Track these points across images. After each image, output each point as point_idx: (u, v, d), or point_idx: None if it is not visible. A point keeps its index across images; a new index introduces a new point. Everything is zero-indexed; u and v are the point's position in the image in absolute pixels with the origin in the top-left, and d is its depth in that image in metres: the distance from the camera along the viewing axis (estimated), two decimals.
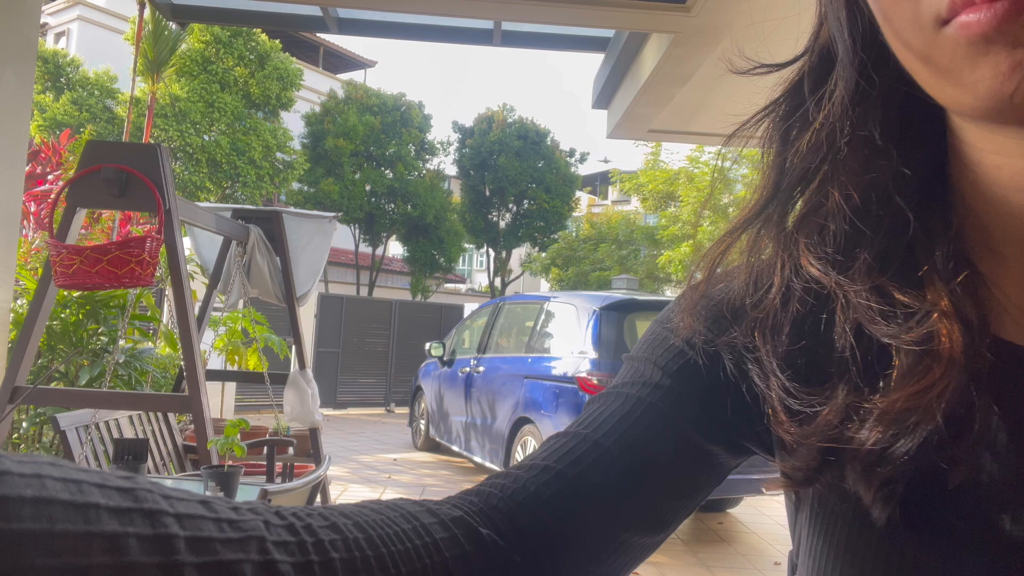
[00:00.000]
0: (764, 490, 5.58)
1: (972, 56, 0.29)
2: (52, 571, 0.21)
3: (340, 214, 6.65)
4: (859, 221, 0.39)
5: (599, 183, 37.77)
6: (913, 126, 0.40)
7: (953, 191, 0.40)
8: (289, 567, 0.28)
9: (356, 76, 28.13)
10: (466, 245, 21.18)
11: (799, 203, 0.42)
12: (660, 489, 0.45)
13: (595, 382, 5.47)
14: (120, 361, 4.15)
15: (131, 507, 0.24)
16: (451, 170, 21.33)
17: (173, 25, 8.23)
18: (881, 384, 0.37)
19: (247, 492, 2.40)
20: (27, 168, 4.46)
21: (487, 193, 20.21)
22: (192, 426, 3.25)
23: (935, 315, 0.36)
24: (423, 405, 8.85)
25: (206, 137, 14.31)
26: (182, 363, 3.51)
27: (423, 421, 8.82)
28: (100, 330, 4.30)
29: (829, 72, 0.41)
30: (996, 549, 0.35)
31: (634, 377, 0.48)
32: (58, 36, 21.34)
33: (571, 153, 20.89)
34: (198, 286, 5.15)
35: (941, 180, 0.40)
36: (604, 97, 6.22)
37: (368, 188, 18.04)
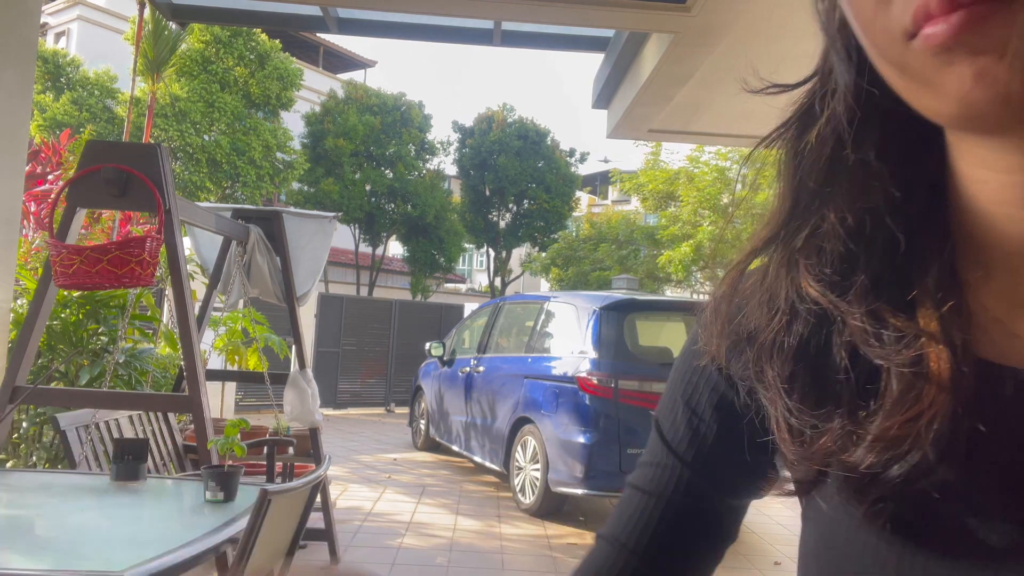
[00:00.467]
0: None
1: (939, 67, 0.31)
2: None
3: (340, 214, 6.65)
4: (854, 243, 0.41)
5: (599, 183, 37.76)
6: (915, 146, 0.41)
7: (952, 208, 0.41)
8: None
9: (356, 76, 28.13)
10: (466, 245, 21.17)
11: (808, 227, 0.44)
12: (696, 567, 0.52)
13: (595, 382, 5.47)
14: (120, 361, 4.15)
15: None
16: (451, 170, 21.34)
17: (173, 25, 8.23)
18: (875, 407, 0.39)
19: (247, 492, 2.40)
20: (27, 168, 4.46)
21: (487, 193, 20.20)
22: (192, 426, 3.25)
23: (924, 339, 0.37)
24: (423, 405, 8.84)
25: (206, 137, 14.31)
26: (182, 363, 3.51)
27: (423, 421, 8.82)
28: (100, 330, 4.29)
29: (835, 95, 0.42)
30: (975, 558, 0.37)
31: (654, 457, 0.54)
32: (58, 36, 21.34)
33: (571, 153, 20.89)
34: (198, 286, 5.15)
35: (943, 198, 0.41)
36: (604, 97, 6.22)
37: (368, 188, 18.03)
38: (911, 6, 0.31)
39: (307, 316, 11.33)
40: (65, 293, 4.05)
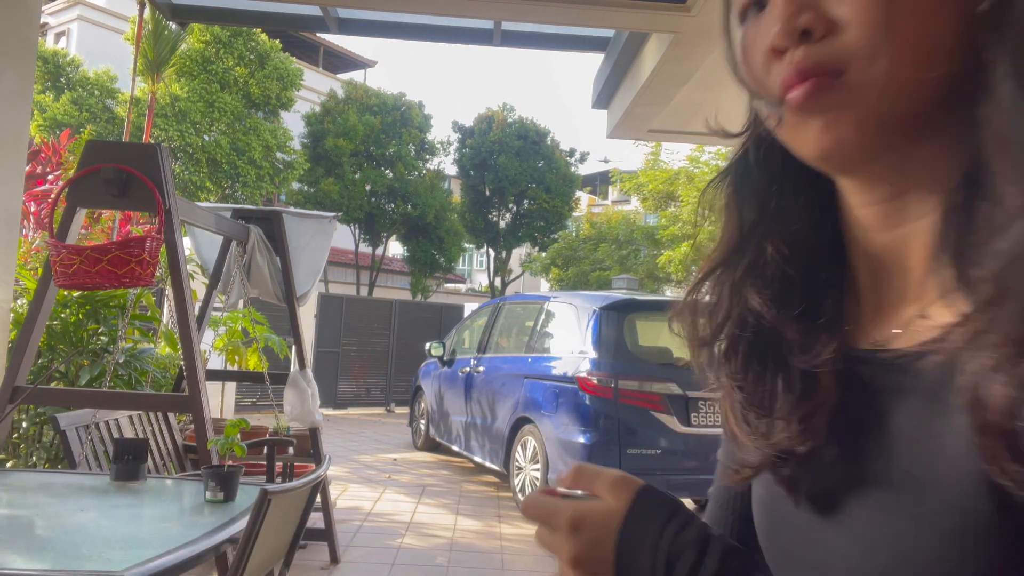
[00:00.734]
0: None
1: (800, 122, 0.43)
2: None
3: (340, 214, 6.65)
4: (789, 268, 0.52)
5: (599, 183, 37.74)
6: (822, 190, 0.51)
7: (848, 236, 0.51)
8: None
9: (356, 76, 28.11)
10: (466, 245, 21.16)
11: (750, 254, 0.54)
12: None
13: (595, 382, 5.47)
14: (120, 361, 4.15)
15: None
16: (451, 170, 21.32)
17: (173, 25, 8.24)
18: (791, 401, 0.49)
19: (247, 492, 2.40)
20: (27, 168, 4.46)
21: (487, 193, 20.18)
22: (192, 426, 3.25)
23: (828, 348, 0.48)
24: (423, 405, 8.84)
25: (206, 137, 14.30)
26: (182, 363, 3.51)
27: (423, 421, 8.82)
28: (100, 330, 4.29)
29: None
30: (843, 510, 0.45)
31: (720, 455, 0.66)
32: (58, 36, 21.33)
33: (571, 153, 20.87)
34: (198, 286, 5.14)
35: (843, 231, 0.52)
36: (604, 97, 6.22)
37: (368, 188, 18.01)
38: (780, 77, 0.43)
39: (307, 316, 11.33)
40: (65, 293, 4.05)
